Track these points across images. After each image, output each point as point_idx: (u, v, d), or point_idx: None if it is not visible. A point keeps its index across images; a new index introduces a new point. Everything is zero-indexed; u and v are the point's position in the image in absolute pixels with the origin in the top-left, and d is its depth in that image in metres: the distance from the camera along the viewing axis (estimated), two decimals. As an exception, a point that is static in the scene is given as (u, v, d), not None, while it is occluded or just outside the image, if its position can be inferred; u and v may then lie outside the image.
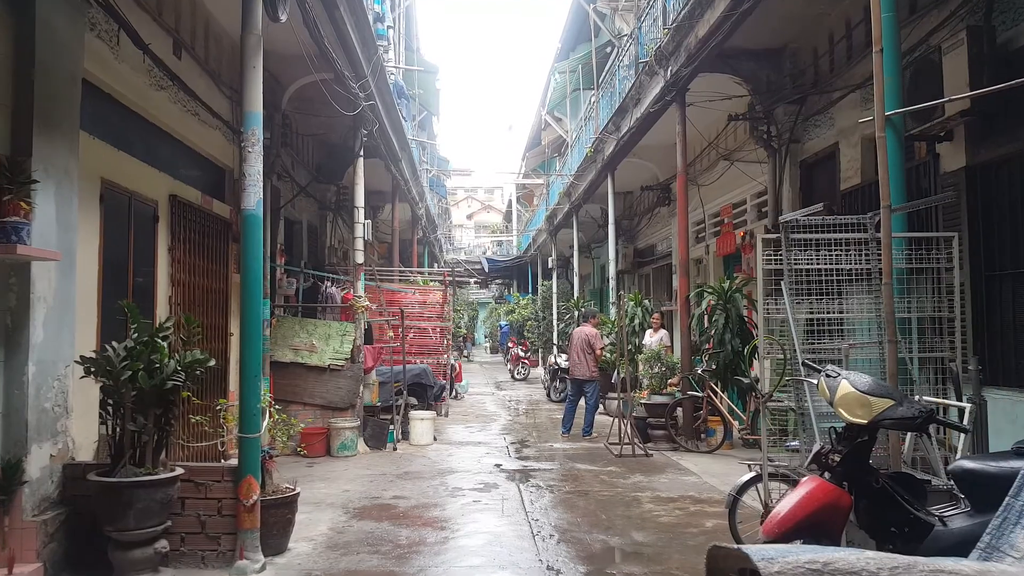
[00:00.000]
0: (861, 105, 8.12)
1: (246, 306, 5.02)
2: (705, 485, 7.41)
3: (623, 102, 11.90)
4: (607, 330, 12.60)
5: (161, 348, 4.76)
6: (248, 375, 4.98)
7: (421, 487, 7.51)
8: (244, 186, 5.02)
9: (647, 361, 10.30)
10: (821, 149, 9.02)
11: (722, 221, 12.19)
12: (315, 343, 9.82)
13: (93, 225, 5.86)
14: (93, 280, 5.83)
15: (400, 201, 17.01)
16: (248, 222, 5.01)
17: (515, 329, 27.81)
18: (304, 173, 12.60)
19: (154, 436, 4.76)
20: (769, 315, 4.93)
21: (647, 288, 17.38)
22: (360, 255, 9.98)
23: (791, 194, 9.43)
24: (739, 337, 9.18)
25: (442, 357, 13.58)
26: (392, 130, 12.32)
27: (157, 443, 4.84)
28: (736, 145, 10.85)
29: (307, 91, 10.08)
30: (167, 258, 7.32)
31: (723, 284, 9.34)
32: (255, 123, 5.06)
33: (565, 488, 7.42)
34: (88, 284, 5.71)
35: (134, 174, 6.65)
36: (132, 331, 4.85)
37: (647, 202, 16.24)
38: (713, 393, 9.16)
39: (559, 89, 21.23)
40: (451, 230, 45.99)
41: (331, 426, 9.37)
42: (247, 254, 5.02)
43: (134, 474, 4.59)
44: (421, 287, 14.12)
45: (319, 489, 7.38)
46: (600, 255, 22.66)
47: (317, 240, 14.30)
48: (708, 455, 9.04)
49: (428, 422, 10.29)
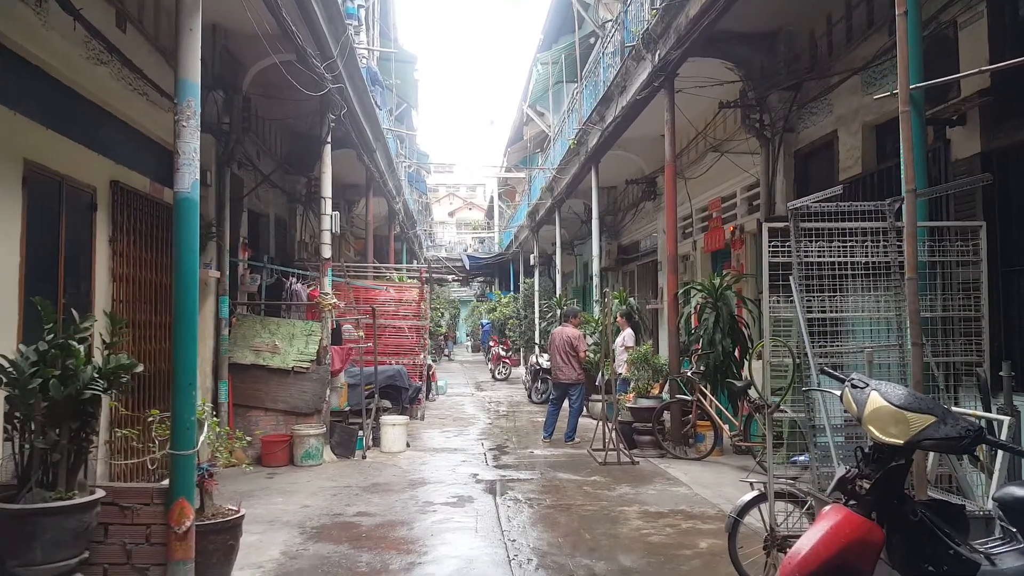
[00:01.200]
0: (862, 90, 7.60)
1: (179, 304, 4.39)
2: (696, 498, 6.85)
3: (608, 90, 11.33)
4: (591, 329, 12.05)
5: (77, 352, 4.11)
6: (180, 383, 4.34)
7: (389, 501, 6.89)
8: (178, 165, 4.37)
9: (633, 362, 9.73)
10: (818, 138, 8.50)
11: (710, 216, 11.66)
12: (278, 344, 9.15)
13: (14, 212, 5.18)
14: (13, 275, 5.15)
15: (376, 195, 16.34)
16: (182, 207, 4.38)
17: (496, 328, 27.21)
18: (271, 164, 11.90)
19: (69, 454, 4.10)
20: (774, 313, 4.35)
21: (631, 286, 16.85)
22: (327, 249, 9.33)
23: (785, 186, 8.90)
24: (730, 337, 8.64)
25: (418, 358, 12.93)
26: (365, 118, 11.66)
27: (73, 462, 4.18)
28: (726, 135, 10.32)
29: (272, 74, 9.39)
30: (107, 251, 6.64)
31: (713, 281, 8.79)
32: (191, 93, 4.42)
33: (546, 501, 6.84)
34: (7, 279, 5.04)
35: (67, 156, 5.96)
36: (46, 332, 4.19)
37: (631, 197, 15.70)
38: (702, 396, 8.61)
39: (541, 81, 20.64)
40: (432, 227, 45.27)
41: (294, 433, 8.72)
42: (180, 244, 4.38)
43: (42, 499, 3.93)
44: (397, 284, 13.47)
45: (276, 505, 6.74)
46: (583, 252, 22.12)
47: (286, 234, 13.59)
48: (698, 462, 8.50)
49: (401, 427, 9.67)
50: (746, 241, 10.10)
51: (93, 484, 4.33)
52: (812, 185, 8.74)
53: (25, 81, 5.44)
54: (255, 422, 9.10)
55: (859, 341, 4.27)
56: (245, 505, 6.74)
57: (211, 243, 8.87)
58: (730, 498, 6.77)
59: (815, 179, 8.64)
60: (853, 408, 3.03)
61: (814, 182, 8.67)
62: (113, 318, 4.47)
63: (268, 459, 8.68)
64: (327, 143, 9.39)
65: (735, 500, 6.73)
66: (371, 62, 14.93)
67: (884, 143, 7.52)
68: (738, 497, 6.89)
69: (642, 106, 10.08)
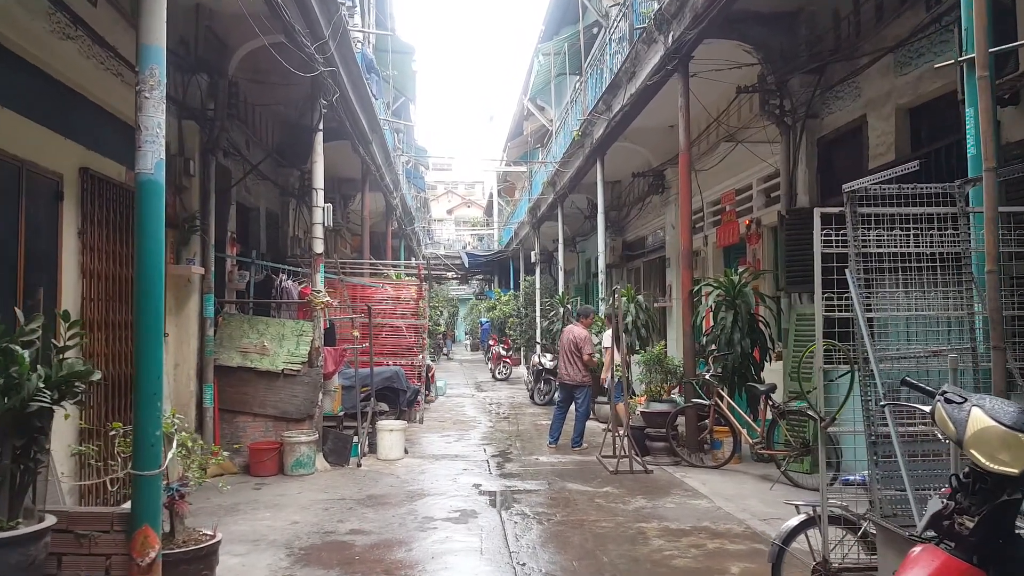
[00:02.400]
0: (894, 71, 7.06)
1: (141, 301, 3.82)
2: (719, 512, 6.30)
3: (615, 77, 10.76)
4: (597, 328, 11.49)
5: (20, 358, 3.54)
6: (143, 392, 3.77)
7: (385, 517, 6.33)
8: (139, 143, 3.80)
9: (645, 364, 9.17)
10: (844, 124, 7.95)
11: (723, 209, 11.10)
12: (267, 344, 8.58)
13: (-39, 199, 4.62)
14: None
15: (372, 190, 15.76)
16: (145, 190, 3.80)
17: (496, 326, 26.66)
18: (262, 154, 11.33)
19: (12, 476, 3.54)
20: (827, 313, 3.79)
21: (637, 283, 16.28)
22: (319, 243, 8.75)
23: (807, 176, 8.35)
24: (749, 337, 8.09)
25: (416, 358, 12.37)
26: (360, 106, 11.09)
27: (19, 485, 3.62)
28: (742, 123, 9.76)
29: (260, 57, 8.83)
30: (76, 244, 6.07)
31: (731, 277, 8.23)
32: (154, 60, 3.85)
33: (556, 517, 6.28)
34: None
35: (27, 139, 5.39)
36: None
37: (638, 191, 15.14)
38: (720, 400, 8.06)
39: (542, 73, 20.05)
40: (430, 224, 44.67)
41: (284, 440, 8.15)
42: (143, 233, 3.81)
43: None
44: (394, 282, 12.90)
45: (262, 521, 6.18)
46: (586, 248, 21.56)
47: (278, 229, 13.03)
48: (716, 471, 7.95)
49: (398, 433, 9.10)
50: (763, 235, 9.54)
51: (43, 509, 3.77)
52: (837, 174, 8.19)
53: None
54: (242, 428, 8.54)
55: (916, 343, 3.72)
56: (229, 521, 6.22)
57: (195, 237, 8.31)
58: (756, 512, 6.24)
59: (841, 168, 8.09)
60: (949, 428, 2.48)
61: (840, 171, 8.12)
62: (66, 317, 3.89)
63: (256, 468, 8.12)
64: (319, 131, 8.81)
65: (761, 514, 6.23)
66: (367, 49, 14.34)
67: (919, 128, 6.98)
68: (764, 510, 6.39)
69: (653, 92, 9.52)
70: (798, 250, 8.08)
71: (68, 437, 5.50)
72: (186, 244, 8.26)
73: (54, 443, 5.23)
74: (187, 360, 8.22)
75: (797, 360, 7.83)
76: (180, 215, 8.22)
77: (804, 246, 8.12)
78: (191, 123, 8.25)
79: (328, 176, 15.83)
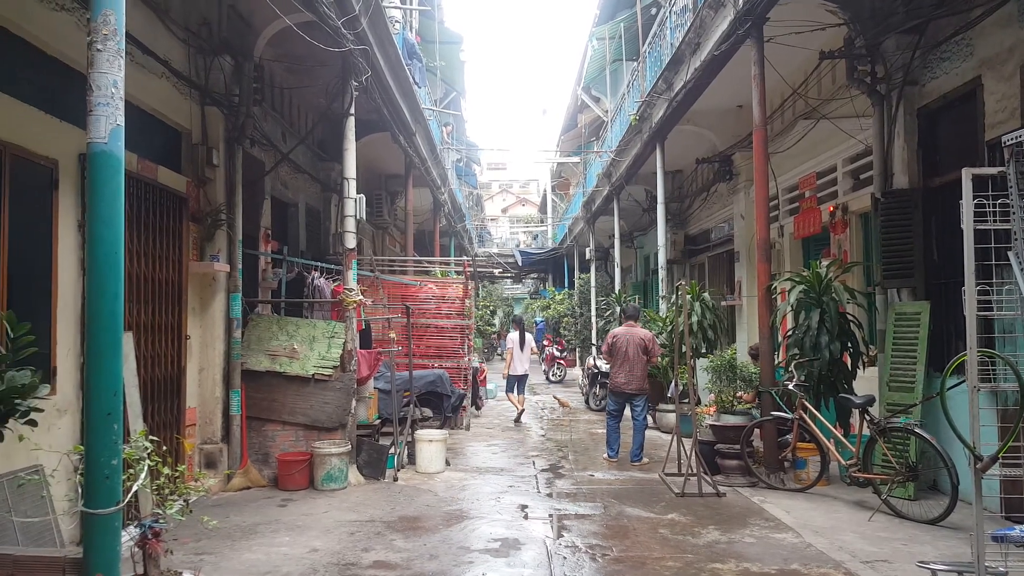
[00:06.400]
0: (1019, 21, 5.89)
1: (93, 301, 3.08)
2: (811, 551, 5.27)
3: (677, 51, 9.74)
4: (658, 328, 10.51)
5: (-59, 371, 2.85)
6: (95, 412, 3.03)
7: (416, 545, 5.52)
8: (91, 105, 3.07)
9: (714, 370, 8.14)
10: (951, 89, 6.78)
11: (802, 195, 9.94)
12: (296, 347, 7.90)
13: (-82, 183, 4.01)
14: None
15: (418, 185, 15.11)
16: (97, 162, 3.06)
17: (551, 326, 25.77)
18: (302, 149, 10.73)
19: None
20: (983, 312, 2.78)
21: (701, 280, 15.15)
22: (351, 238, 8.03)
23: (906, 152, 7.20)
24: (839, 340, 7.00)
25: (462, 360, 11.58)
26: (399, 92, 10.37)
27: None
28: (825, 96, 8.62)
29: (293, 43, 8.17)
30: (76, 238, 5.47)
31: (817, 271, 7.15)
32: (108, 4, 3.10)
33: (613, 552, 5.36)
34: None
35: (13, 120, 4.81)
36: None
37: (702, 179, 14.03)
38: (804, 412, 6.99)
39: (597, 59, 19.05)
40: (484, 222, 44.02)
41: (315, 451, 7.46)
42: (94, 217, 3.07)
43: None
44: (438, 280, 12.14)
45: (279, 547, 5.46)
46: (644, 244, 20.48)
47: (319, 226, 12.43)
48: (800, 495, 6.89)
49: (438, 444, 8.30)
50: (851, 222, 8.40)
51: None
52: (943, 150, 7.04)
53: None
54: (271, 437, 7.89)
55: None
56: (243, 547, 5.50)
57: (219, 232, 7.69)
58: (855, 551, 5.20)
59: (948, 141, 6.94)
60: None
61: (946, 146, 6.98)
62: (11, 320, 3.19)
63: (285, 481, 7.47)
64: (350, 115, 8.08)
65: (862, 553, 5.13)
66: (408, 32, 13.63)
67: (1051, 88, 5.80)
68: (864, 549, 5.29)
69: (720, 64, 8.48)
70: (897, 238, 6.97)
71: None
72: (210, 240, 7.65)
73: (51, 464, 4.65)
74: (212, 364, 7.62)
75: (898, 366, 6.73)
76: (204, 209, 7.62)
77: (904, 233, 7.03)
78: (214, 110, 7.64)
79: (373, 171, 15.28)
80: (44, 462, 4.63)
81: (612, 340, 8.80)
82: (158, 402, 6.76)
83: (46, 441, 4.62)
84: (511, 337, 13.12)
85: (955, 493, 5.63)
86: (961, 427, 5.69)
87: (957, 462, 5.69)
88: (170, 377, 7.02)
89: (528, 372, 13.18)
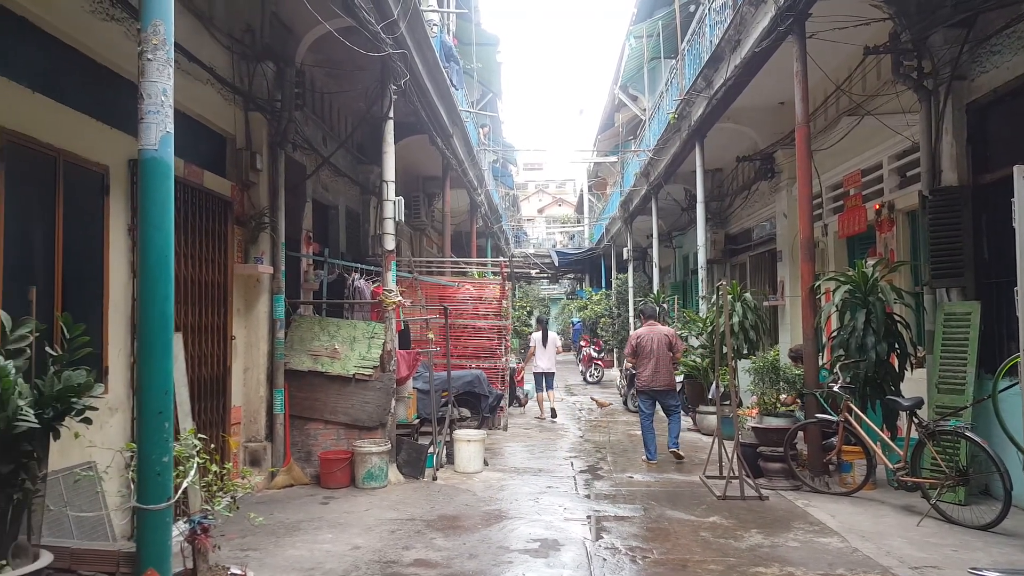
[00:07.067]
0: (1076, 11, 5.69)
1: (146, 302, 3.17)
2: (857, 556, 5.16)
3: (716, 49, 9.63)
4: (698, 329, 10.41)
5: (4, 371, 2.96)
6: (147, 410, 3.13)
7: (455, 544, 5.56)
8: (142, 113, 3.17)
9: (756, 372, 8.03)
10: (1002, 84, 6.58)
11: (846, 193, 9.75)
12: (337, 348, 8.02)
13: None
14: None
15: (455, 187, 15.19)
16: (148, 169, 3.16)
17: (588, 327, 25.68)
18: (342, 152, 10.87)
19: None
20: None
21: (742, 280, 14.94)
22: (390, 239, 8.11)
23: (955, 148, 7.01)
24: (885, 341, 6.85)
25: (500, 360, 11.61)
26: (437, 94, 10.44)
27: (11, 519, 3.05)
28: (869, 92, 8.44)
29: (333, 48, 8.28)
30: (126, 242, 5.63)
31: (863, 270, 7.00)
32: (159, 14, 3.20)
33: (653, 554, 5.32)
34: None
35: (66, 128, 4.96)
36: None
37: (742, 177, 13.85)
38: (849, 414, 6.85)
39: (635, 58, 18.93)
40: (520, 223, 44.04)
41: (356, 450, 7.55)
42: (145, 221, 3.16)
43: (-53, 577, 2.81)
44: (475, 280, 12.19)
45: (322, 544, 5.55)
46: (683, 243, 20.29)
47: (359, 228, 12.58)
48: (845, 499, 6.75)
49: (477, 444, 8.34)
50: (897, 221, 8.21)
51: (40, 544, 3.19)
52: (993, 145, 6.84)
53: (3, 35, 4.46)
54: (313, 436, 8.01)
55: None
56: (287, 543, 5.61)
57: (263, 234, 7.85)
58: (903, 557, 5.09)
59: (999, 136, 6.75)
60: None
61: (997, 140, 6.78)
62: (67, 322, 3.30)
63: (327, 479, 7.58)
64: (389, 118, 8.17)
65: (910, 560, 5.00)
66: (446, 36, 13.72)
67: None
68: (913, 555, 5.16)
69: (761, 61, 8.37)
70: (946, 236, 6.80)
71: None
72: (254, 242, 7.81)
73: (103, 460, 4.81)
74: (257, 364, 7.78)
75: (948, 368, 6.56)
76: (248, 212, 7.78)
77: (953, 231, 6.85)
78: (257, 115, 7.80)
79: (411, 173, 15.42)
80: (96, 459, 4.77)
81: (637, 340, 8.90)
82: (205, 401, 6.91)
83: (98, 438, 4.77)
84: (534, 336, 13.66)
85: (1008, 498, 5.47)
86: (1014, 430, 5.57)
87: (1010, 466, 5.54)
88: (216, 377, 7.18)
89: (554, 370, 13.48)
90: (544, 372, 13.21)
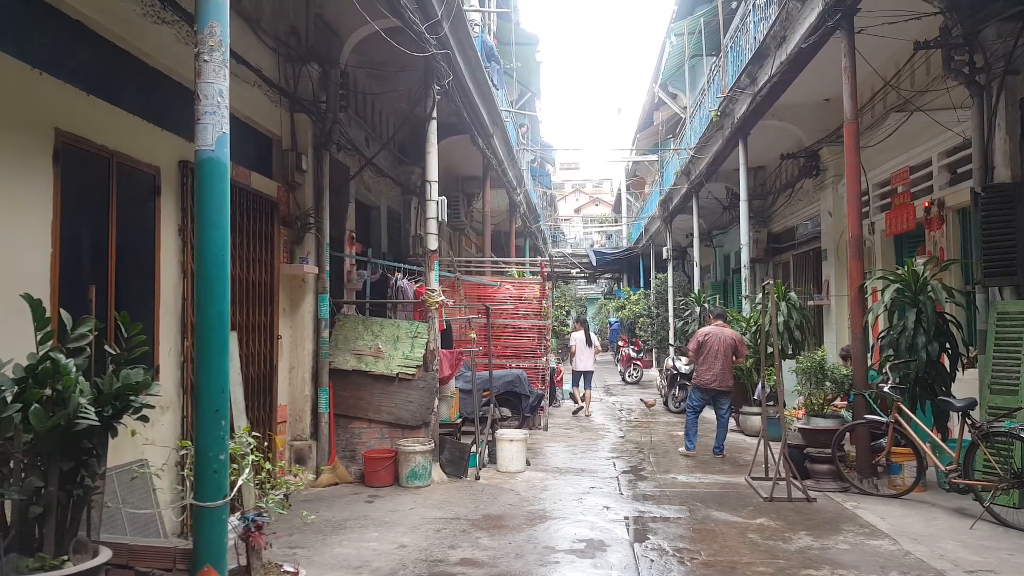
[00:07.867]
0: None
1: (202, 301, 3.25)
2: (909, 559, 5.05)
3: (761, 45, 9.49)
4: (741, 329, 10.28)
5: (65, 369, 3.05)
6: (204, 408, 3.20)
7: (501, 544, 5.57)
8: (199, 114, 3.24)
9: (802, 372, 7.90)
10: (1060, 76, 6.37)
11: (894, 191, 9.53)
12: (381, 347, 8.10)
13: (41, 193, 4.31)
14: (41, 270, 4.26)
15: (494, 187, 15.21)
16: (205, 169, 3.23)
17: (626, 327, 25.51)
18: (384, 153, 10.98)
19: (58, 505, 3.07)
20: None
21: (786, 279, 14.69)
22: (433, 239, 8.17)
23: (1008, 144, 6.80)
24: (936, 341, 6.68)
25: (540, 360, 11.61)
26: (478, 94, 10.48)
27: (71, 515, 3.15)
28: (918, 87, 8.24)
29: (376, 48, 8.39)
30: (176, 242, 5.76)
31: (913, 269, 6.83)
32: (214, 15, 3.27)
33: (700, 556, 5.27)
34: (32, 276, 4.14)
35: (118, 129, 5.08)
36: (39, 342, 3.18)
37: (786, 175, 13.62)
38: (899, 415, 6.69)
39: (675, 55, 18.74)
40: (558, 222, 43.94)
41: (399, 449, 7.62)
42: (203, 221, 3.24)
43: (16, 568, 2.91)
44: (515, 280, 12.21)
45: (368, 543, 5.61)
46: (724, 242, 20.04)
47: (400, 228, 12.70)
48: (895, 501, 6.61)
49: (519, 444, 8.36)
50: (947, 218, 8.00)
51: (99, 541, 3.28)
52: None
53: (59, 38, 4.58)
54: (358, 435, 8.11)
55: None
56: (334, 541, 5.68)
57: (308, 235, 7.97)
58: (957, 560, 4.96)
59: (1057, 131, 6.53)
60: None
61: (1054, 136, 6.56)
62: (124, 321, 3.40)
63: (371, 478, 7.66)
64: (432, 119, 8.22)
65: (965, 563, 4.86)
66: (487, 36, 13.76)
67: None
68: (967, 558, 5.03)
69: (808, 57, 8.22)
70: (999, 234, 6.61)
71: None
72: (300, 243, 7.93)
73: (155, 458, 4.92)
74: (302, 363, 7.90)
75: (1001, 368, 6.38)
76: (293, 212, 7.90)
77: (1006, 229, 6.65)
78: (303, 116, 7.92)
79: (450, 174, 15.50)
80: (148, 456, 4.89)
81: (703, 338, 9.06)
82: (252, 399, 7.04)
83: (151, 436, 4.88)
84: (576, 336, 14.13)
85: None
86: (1077, 434, 5.37)
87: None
88: (263, 376, 7.31)
89: (593, 369, 14.00)
90: (584, 371, 13.60)
